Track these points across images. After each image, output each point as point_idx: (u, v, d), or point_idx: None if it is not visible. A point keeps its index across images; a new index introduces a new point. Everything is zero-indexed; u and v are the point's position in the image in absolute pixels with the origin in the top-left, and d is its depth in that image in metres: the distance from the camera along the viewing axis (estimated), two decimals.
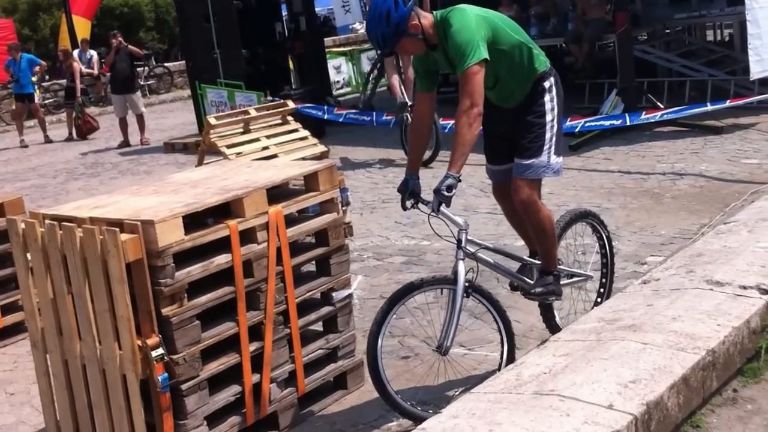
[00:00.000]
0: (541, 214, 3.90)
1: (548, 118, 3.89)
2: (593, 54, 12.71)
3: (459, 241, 3.75)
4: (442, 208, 3.64)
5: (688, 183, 7.38)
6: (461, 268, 3.69)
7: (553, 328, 4.21)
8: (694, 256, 4.30)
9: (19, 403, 4.47)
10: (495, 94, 3.97)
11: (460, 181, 3.60)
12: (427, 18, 3.78)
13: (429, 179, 3.76)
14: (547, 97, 3.90)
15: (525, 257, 4.23)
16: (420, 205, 3.80)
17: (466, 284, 3.69)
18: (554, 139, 3.89)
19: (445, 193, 3.56)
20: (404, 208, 3.86)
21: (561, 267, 4.20)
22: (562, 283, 4.17)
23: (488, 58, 3.62)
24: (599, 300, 4.53)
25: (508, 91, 3.93)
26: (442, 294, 3.88)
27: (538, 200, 3.90)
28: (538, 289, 4.04)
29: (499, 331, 3.88)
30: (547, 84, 3.91)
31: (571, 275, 4.32)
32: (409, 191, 3.80)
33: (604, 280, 4.59)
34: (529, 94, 3.91)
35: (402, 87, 9.62)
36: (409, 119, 3.66)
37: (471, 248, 3.83)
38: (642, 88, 10.56)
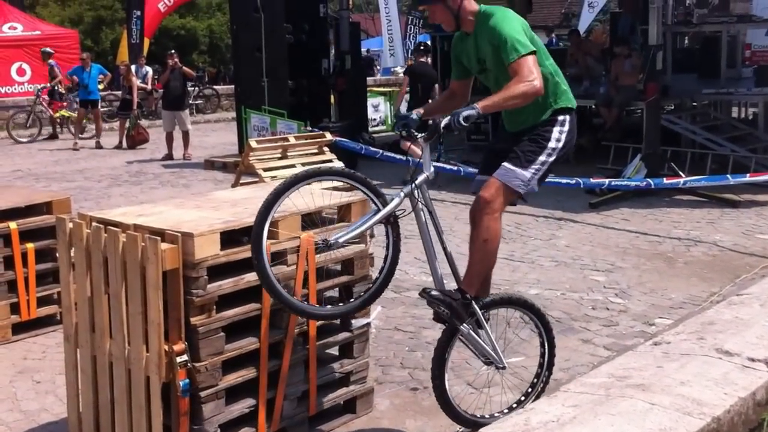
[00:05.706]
0: (494, 222, 3.60)
1: (551, 144, 3.70)
2: (621, 118, 12.69)
3: (413, 180, 3.55)
4: (426, 150, 3.58)
5: (702, 251, 7.30)
6: (397, 200, 3.50)
7: (438, 388, 3.68)
8: (705, 324, 4.23)
9: (44, 392, 4.47)
10: (507, 114, 3.83)
11: (479, 119, 3.48)
12: (471, 3, 3.73)
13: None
14: (557, 128, 3.72)
15: (458, 278, 3.81)
16: (406, 133, 3.68)
17: (391, 217, 3.50)
18: (545, 166, 3.70)
19: (460, 119, 3.37)
20: (395, 130, 3.94)
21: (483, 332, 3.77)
22: (467, 331, 3.69)
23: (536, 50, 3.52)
24: (521, 399, 3.92)
25: (523, 116, 3.74)
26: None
27: (499, 209, 3.62)
28: (436, 293, 3.64)
29: (386, 257, 3.60)
30: (561, 118, 3.74)
31: (485, 336, 3.79)
32: (406, 122, 3.71)
33: (535, 381, 4.02)
34: (542, 122, 3.74)
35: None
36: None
37: (418, 198, 3.58)
38: (665, 156, 10.52)
